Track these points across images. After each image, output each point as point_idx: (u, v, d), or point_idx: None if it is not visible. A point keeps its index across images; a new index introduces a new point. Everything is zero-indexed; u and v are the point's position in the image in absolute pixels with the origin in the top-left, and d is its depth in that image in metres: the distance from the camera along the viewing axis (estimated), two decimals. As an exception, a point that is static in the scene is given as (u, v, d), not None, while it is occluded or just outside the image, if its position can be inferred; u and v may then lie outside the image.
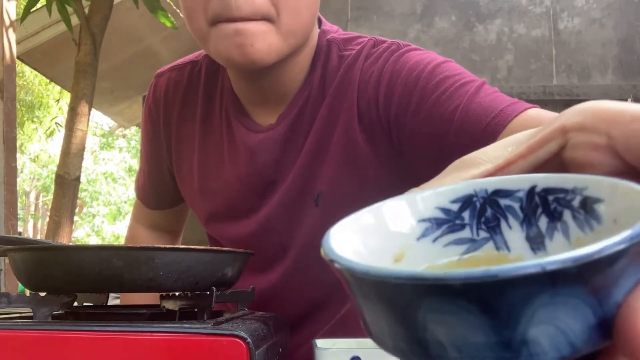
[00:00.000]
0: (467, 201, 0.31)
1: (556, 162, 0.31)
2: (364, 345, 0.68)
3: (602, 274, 0.21)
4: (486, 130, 0.70)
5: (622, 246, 0.21)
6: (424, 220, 0.31)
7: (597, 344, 0.22)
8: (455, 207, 0.31)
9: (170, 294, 0.69)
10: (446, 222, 0.31)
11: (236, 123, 0.91)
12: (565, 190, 0.29)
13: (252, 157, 0.89)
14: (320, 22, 0.92)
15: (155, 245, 0.64)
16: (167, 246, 0.64)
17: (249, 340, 0.52)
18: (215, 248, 0.69)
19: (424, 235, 0.31)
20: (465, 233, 0.31)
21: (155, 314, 0.68)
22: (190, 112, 0.96)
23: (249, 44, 0.75)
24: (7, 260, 1.46)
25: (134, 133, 13.33)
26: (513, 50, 5.19)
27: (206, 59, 0.97)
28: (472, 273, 0.20)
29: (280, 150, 0.88)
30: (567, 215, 0.29)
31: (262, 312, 0.80)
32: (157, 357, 0.52)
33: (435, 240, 0.31)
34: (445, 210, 0.31)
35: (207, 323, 0.56)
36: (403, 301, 0.22)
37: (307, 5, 0.79)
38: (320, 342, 0.69)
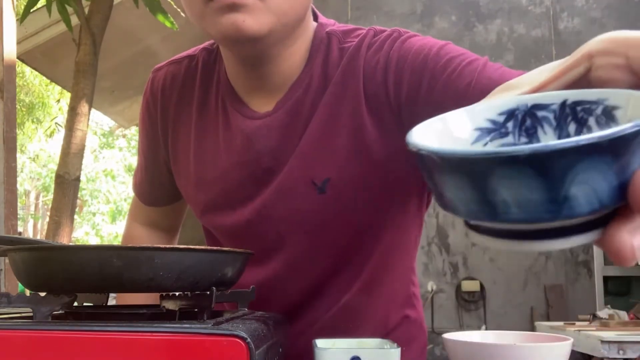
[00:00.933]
0: (510, 114, 0.39)
1: (584, 82, 0.38)
2: (364, 345, 0.68)
3: (624, 148, 0.29)
4: None
5: (637, 127, 0.29)
6: (477, 129, 0.40)
7: (618, 202, 0.30)
8: (501, 118, 0.39)
9: (170, 294, 0.69)
10: (494, 130, 0.39)
11: (232, 111, 0.92)
12: (590, 102, 0.36)
13: (249, 144, 0.90)
14: (316, 16, 0.95)
15: (155, 245, 0.64)
16: (167, 246, 0.64)
17: (249, 340, 0.52)
18: (215, 248, 0.69)
19: (477, 140, 0.39)
20: (509, 139, 0.39)
21: (155, 314, 0.68)
22: (187, 103, 0.97)
23: (241, 20, 0.79)
24: (7, 260, 1.46)
25: (134, 133, 13.33)
26: (513, 50, 5.18)
27: (203, 52, 0.98)
28: (535, 146, 0.28)
29: (277, 137, 0.89)
30: (591, 121, 0.37)
31: (262, 311, 0.80)
32: (157, 357, 0.52)
33: (485, 144, 0.39)
34: (493, 121, 0.39)
35: (207, 323, 0.56)
36: (480, 172, 0.30)
37: None
38: (320, 342, 0.69)
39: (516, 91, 0.40)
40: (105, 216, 15.44)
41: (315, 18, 0.94)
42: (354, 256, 0.94)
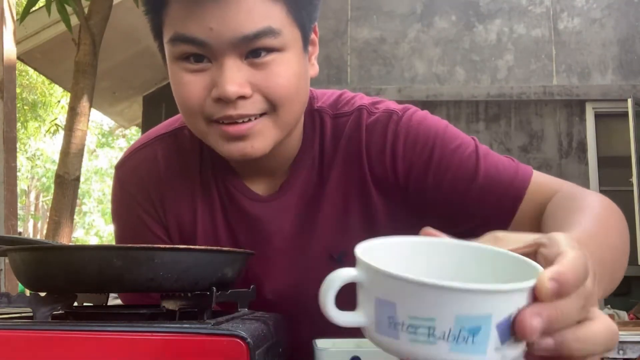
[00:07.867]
0: None
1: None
2: (364, 345, 0.68)
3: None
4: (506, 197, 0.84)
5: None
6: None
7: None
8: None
9: (170, 294, 0.69)
10: None
11: (236, 192, 0.91)
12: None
13: (259, 225, 0.90)
14: None
15: (155, 245, 0.64)
16: (167, 246, 0.64)
17: (249, 340, 0.52)
18: (215, 248, 0.69)
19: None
20: None
21: (155, 314, 0.68)
22: (182, 182, 0.93)
23: (249, 146, 0.78)
24: (7, 260, 1.46)
25: (134, 133, 13.32)
26: (513, 50, 5.18)
27: (185, 129, 0.93)
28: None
29: (291, 219, 0.90)
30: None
31: (262, 312, 0.80)
32: (157, 357, 0.52)
33: None
34: None
35: (207, 323, 0.56)
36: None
37: (300, 94, 0.82)
38: (320, 342, 0.69)
39: (510, 245, 0.50)
40: (97, 215, 15.43)
41: None
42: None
